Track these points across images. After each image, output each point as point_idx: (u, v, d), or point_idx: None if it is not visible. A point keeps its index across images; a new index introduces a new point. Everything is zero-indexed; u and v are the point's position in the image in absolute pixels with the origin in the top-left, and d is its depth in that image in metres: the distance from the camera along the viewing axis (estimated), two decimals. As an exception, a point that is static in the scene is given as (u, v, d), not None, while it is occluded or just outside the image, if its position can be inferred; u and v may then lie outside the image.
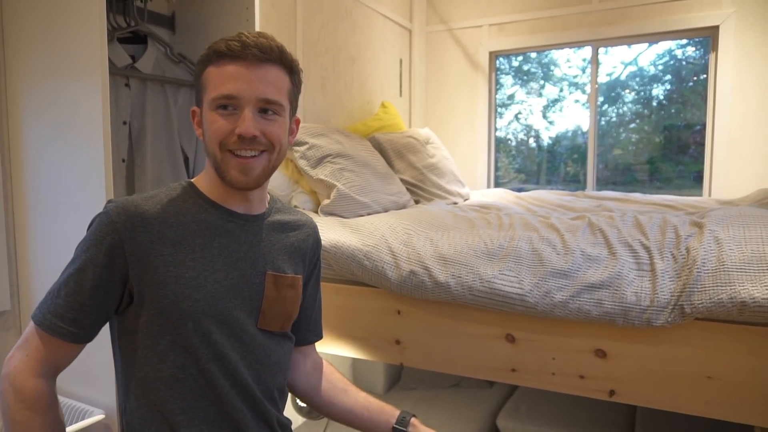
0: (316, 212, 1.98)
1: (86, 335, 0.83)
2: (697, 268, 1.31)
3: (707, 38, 2.87)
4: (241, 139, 0.84)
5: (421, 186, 2.48)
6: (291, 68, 0.89)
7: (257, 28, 1.63)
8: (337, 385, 1.06)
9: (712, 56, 2.83)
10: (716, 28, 2.75)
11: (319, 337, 1.11)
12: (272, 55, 0.85)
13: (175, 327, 0.83)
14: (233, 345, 0.87)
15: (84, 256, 0.82)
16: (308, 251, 1.02)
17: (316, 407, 1.06)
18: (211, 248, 0.87)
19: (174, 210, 0.86)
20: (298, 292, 0.98)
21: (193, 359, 0.84)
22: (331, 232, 1.76)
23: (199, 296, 0.84)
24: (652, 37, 2.98)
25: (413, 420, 1.01)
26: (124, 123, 1.56)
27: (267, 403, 0.93)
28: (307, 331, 1.07)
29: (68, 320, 0.81)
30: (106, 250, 0.81)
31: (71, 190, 1.30)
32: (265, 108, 0.86)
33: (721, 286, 1.27)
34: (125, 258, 0.82)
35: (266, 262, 0.93)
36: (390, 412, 1.02)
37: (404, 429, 0.99)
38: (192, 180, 0.93)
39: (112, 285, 0.82)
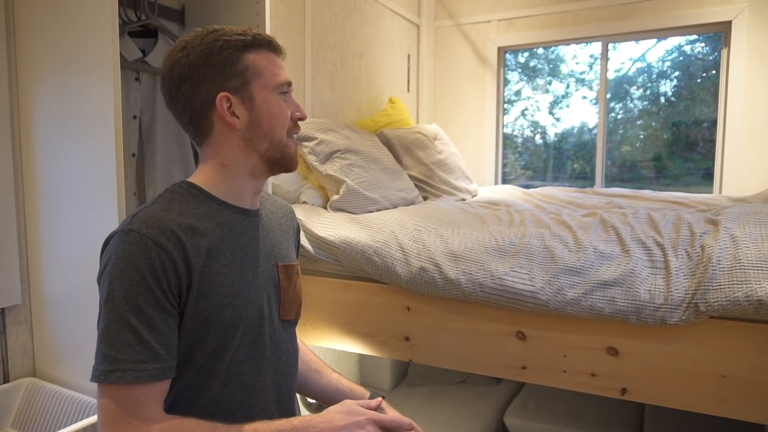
0: (325, 208, 1.97)
1: (175, 365, 0.79)
2: (713, 266, 1.29)
3: (718, 34, 2.84)
4: (297, 123, 0.90)
5: (429, 182, 2.47)
6: None
7: (267, 23, 1.62)
8: (311, 366, 1.08)
9: (724, 52, 2.80)
10: (729, 23, 2.72)
11: (298, 317, 1.12)
12: None
13: (216, 336, 0.81)
14: (264, 343, 0.88)
15: (142, 290, 0.74)
16: (294, 234, 1.05)
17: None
18: (237, 250, 0.86)
19: (196, 219, 0.83)
20: (300, 278, 1.01)
21: (227, 364, 0.83)
22: (341, 228, 1.75)
23: (237, 302, 0.83)
24: (664, 33, 2.95)
25: (379, 398, 1.01)
26: (134, 117, 1.56)
27: (288, 396, 0.94)
28: None
29: (162, 357, 0.75)
30: (163, 274, 0.75)
31: (82, 185, 1.29)
32: None
33: (737, 284, 1.25)
34: (178, 277, 0.77)
35: (275, 254, 0.94)
36: (360, 393, 1.05)
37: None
38: (189, 180, 0.88)
39: (178, 307, 0.78)
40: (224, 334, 0.82)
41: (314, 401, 1.78)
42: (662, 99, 3.09)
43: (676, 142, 3.06)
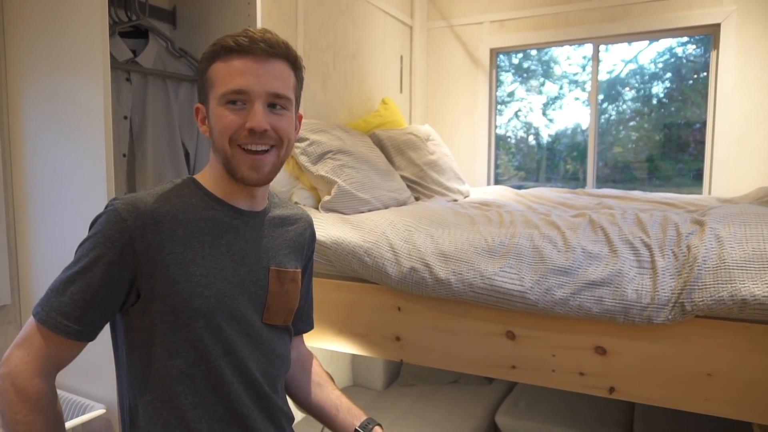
0: (317, 208, 1.98)
1: (91, 333, 0.82)
2: (698, 266, 1.31)
3: (708, 36, 2.87)
4: (251, 134, 0.84)
5: (421, 183, 2.48)
6: (295, 64, 0.90)
7: (258, 23, 1.63)
8: (314, 379, 1.08)
9: (713, 54, 2.83)
10: (718, 26, 2.75)
11: (311, 327, 1.13)
12: (279, 49, 0.86)
13: (185, 324, 0.83)
14: (242, 340, 0.88)
15: (92, 255, 0.80)
16: (305, 244, 1.04)
17: (291, 398, 1.08)
18: (219, 245, 0.87)
19: (182, 207, 0.86)
20: (299, 286, 1.00)
21: (203, 356, 0.84)
22: (332, 228, 1.75)
23: (209, 293, 0.85)
24: (654, 35, 2.97)
25: (377, 428, 1.01)
26: (125, 117, 1.56)
27: (273, 397, 0.93)
28: (300, 322, 1.09)
29: (74, 318, 0.79)
30: (116, 249, 0.80)
31: (72, 185, 1.29)
32: (274, 102, 0.86)
33: (722, 284, 1.27)
34: (136, 256, 0.81)
35: (269, 257, 0.94)
36: (357, 414, 1.03)
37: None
38: (194, 176, 0.92)
39: (120, 283, 0.81)
40: (195, 324, 0.83)
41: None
42: (654, 100, 3.12)
43: (667, 143, 3.09)
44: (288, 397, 1.07)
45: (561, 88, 3.35)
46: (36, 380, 0.78)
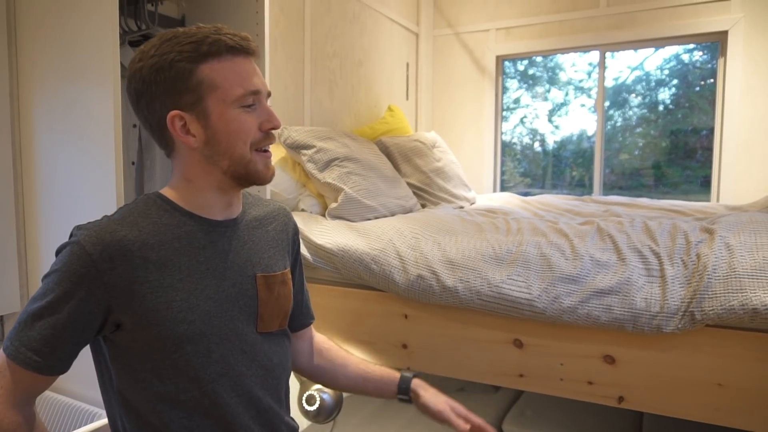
0: (324, 215, 1.98)
1: (63, 367, 0.79)
2: (708, 275, 1.30)
3: (715, 43, 2.87)
4: (269, 135, 0.83)
5: (427, 190, 2.48)
6: None
7: (266, 32, 1.64)
8: (336, 362, 1.07)
9: (720, 61, 2.82)
10: (725, 33, 2.75)
11: (313, 318, 1.11)
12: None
13: (173, 351, 0.79)
14: (237, 358, 0.84)
15: (58, 290, 0.75)
16: (289, 240, 1.00)
17: (324, 384, 1.09)
18: (198, 264, 0.82)
19: (152, 229, 0.79)
20: (290, 286, 0.96)
21: (194, 381, 0.80)
22: (339, 235, 1.76)
23: (193, 317, 0.80)
24: (660, 42, 2.97)
25: (414, 381, 1.01)
26: (134, 126, 1.57)
27: (275, 407, 0.90)
28: (302, 316, 1.07)
29: (44, 354, 0.76)
30: (84, 284, 0.75)
31: (82, 193, 1.30)
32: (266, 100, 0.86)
33: (733, 293, 1.26)
34: (106, 289, 0.76)
35: (253, 264, 0.89)
36: (390, 378, 1.03)
37: (407, 398, 1.01)
38: (160, 192, 0.85)
39: (91, 317, 0.77)
40: (182, 350, 0.79)
41: (311, 409, 1.78)
42: (660, 107, 3.11)
43: (674, 150, 3.08)
44: (320, 383, 1.09)
45: (566, 94, 3.35)
46: (10, 412, 0.76)
